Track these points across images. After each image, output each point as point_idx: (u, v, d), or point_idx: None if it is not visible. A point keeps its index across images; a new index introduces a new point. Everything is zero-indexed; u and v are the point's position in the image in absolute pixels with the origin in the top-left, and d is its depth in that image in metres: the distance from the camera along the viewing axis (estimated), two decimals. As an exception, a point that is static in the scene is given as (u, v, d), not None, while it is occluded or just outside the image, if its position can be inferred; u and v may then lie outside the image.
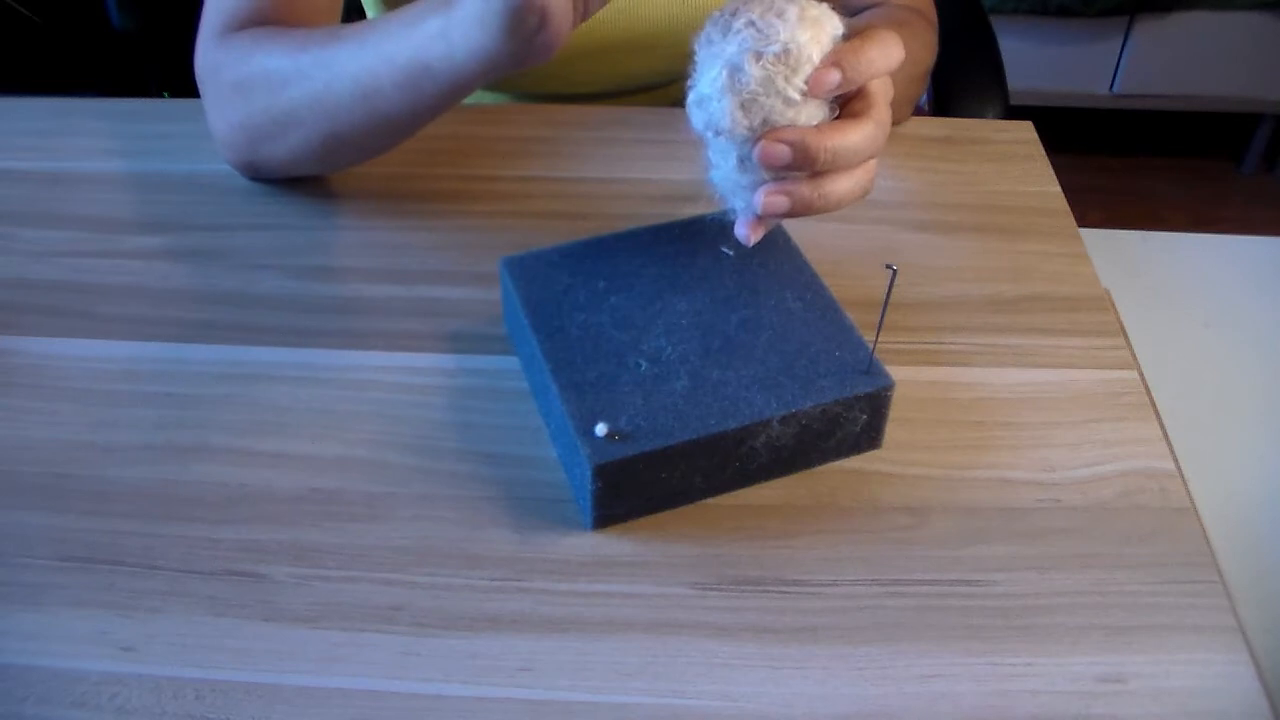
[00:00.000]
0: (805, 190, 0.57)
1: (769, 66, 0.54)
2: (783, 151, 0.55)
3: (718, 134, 0.56)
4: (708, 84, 0.55)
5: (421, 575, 0.56)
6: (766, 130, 0.55)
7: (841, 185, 0.57)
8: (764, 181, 0.57)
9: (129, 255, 0.74)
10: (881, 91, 0.58)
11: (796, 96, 0.54)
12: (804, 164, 0.55)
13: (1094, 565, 0.57)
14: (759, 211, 0.57)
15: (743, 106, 0.54)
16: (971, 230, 0.77)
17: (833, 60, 0.54)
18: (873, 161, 0.59)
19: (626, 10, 0.87)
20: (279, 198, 0.79)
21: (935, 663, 0.52)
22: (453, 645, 0.53)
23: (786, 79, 0.54)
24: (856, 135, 0.56)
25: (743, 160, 0.57)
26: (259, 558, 0.56)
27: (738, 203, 0.59)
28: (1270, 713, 0.51)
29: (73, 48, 1.49)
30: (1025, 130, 0.86)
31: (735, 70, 0.54)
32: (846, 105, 0.58)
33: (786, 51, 0.53)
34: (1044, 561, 0.57)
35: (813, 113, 0.56)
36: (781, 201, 0.57)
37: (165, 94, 1.29)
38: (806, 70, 0.54)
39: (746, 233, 0.60)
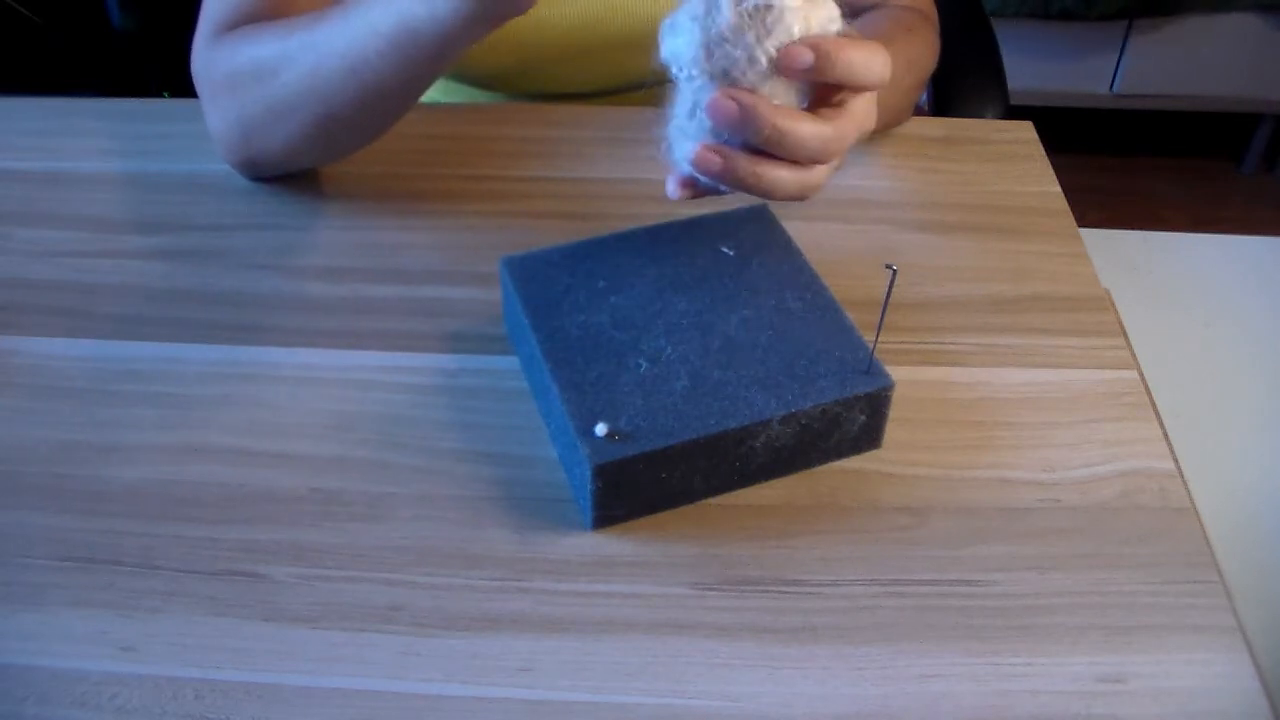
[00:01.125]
0: (741, 162, 0.56)
1: (745, 16, 0.53)
2: (730, 108, 0.54)
3: (679, 69, 0.55)
4: (684, 13, 0.55)
5: (421, 575, 0.56)
6: (725, 84, 0.55)
7: (780, 174, 0.56)
8: (707, 139, 0.56)
9: (129, 255, 0.74)
10: (858, 113, 0.57)
11: (763, 61, 0.54)
12: (747, 132, 0.54)
13: (1094, 565, 0.57)
14: (689, 162, 0.57)
15: (707, 46, 0.54)
16: (971, 230, 0.77)
17: (811, 43, 0.53)
18: (822, 168, 0.58)
19: (625, 10, 0.87)
20: (279, 198, 0.79)
21: (935, 663, 0.52)
22: (453, 645, 0.53)
23: (758, 37, 0.53)
24: (808, 129, 0.55)
25: (694, 108, 0.56)
26: (259, 558, 0.56)
27: (677, 153, 0.59)
28: (1270, 713, 0.51)
29: (73, 48, 1.49)
30: (1025, 130, 0.86)
31: (713, 7, 0.53)
32: (818, 109, 0.57)
33: (768, 8, 0.53)
34: (1044, 561, 0.57)
35: (777, 91, 0.55)
36: (714, 160, 0.56)
37: (165, 94, 1.29)
38: (781, 38, 0.53)
39: (674, 187, 0.59)
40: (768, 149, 0.55)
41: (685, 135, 0.58)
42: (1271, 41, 2.08)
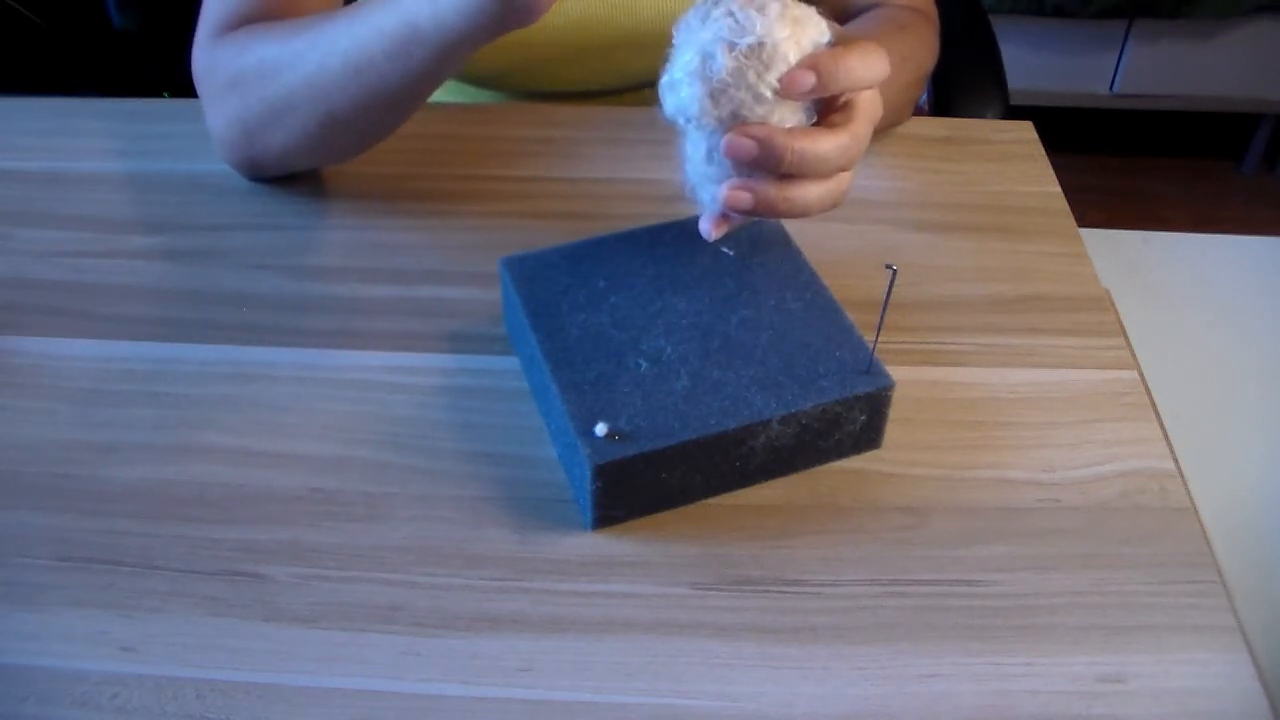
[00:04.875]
0: (770, 191, 0.56)
1: (741, 58, 0.53)
2: (748, 146, 0.55)
3: (686, 120, 0.56)
4: (680, 68, 0.55)
5: (421, 575, 0.56)
6: (736, 124, 0.55)
7: (809, 192, 0.57)
8: (731, 177, 0.57)
9: (129, 255, 0.74)
10: (866, 109, 0.58)
11: (768, 94, 0.54)
12: (770, 163, 0.55)
13: (1094, 565, 0.57)
14: (721, 205, 0.57)
15: (712, 95, 0.54)
16: (971, 230, 0.77)
17: (809, 63, 0.54)
18: (846, 174, 0.58)
19: (626, 9, 0.87)
20: (278, 198, 0.79)
21: (935, 663, 0.52)
22: (453, 645, 0.53)
23: (758, 74, 0.54)
24: (828, 144, 0.56)
25: (711, 152, 0.57)
26: (259, 558, 0.56)
27: (704, 196, 0.59)
28: (1270, 713, 0.51)
29: (73, 48, 1.49)
30: (1025, 130, 0.86)
31: (707, 57, 0.54)
32: (828, 116, 0.57)
33: (761, 45, 0.53)
34: (1044, 561, 0.57)
35: (786, 115, 0.55)
36: (744, 198, 0.56)
37: (165, 94, 1.29)
38: (780, 68, 0.54)
39: (709, 228, 0.60)
40: (792, 173, 0.56)
41: (708, 179, 0.58)
42: (1271, 42, 2.08)
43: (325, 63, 0.67)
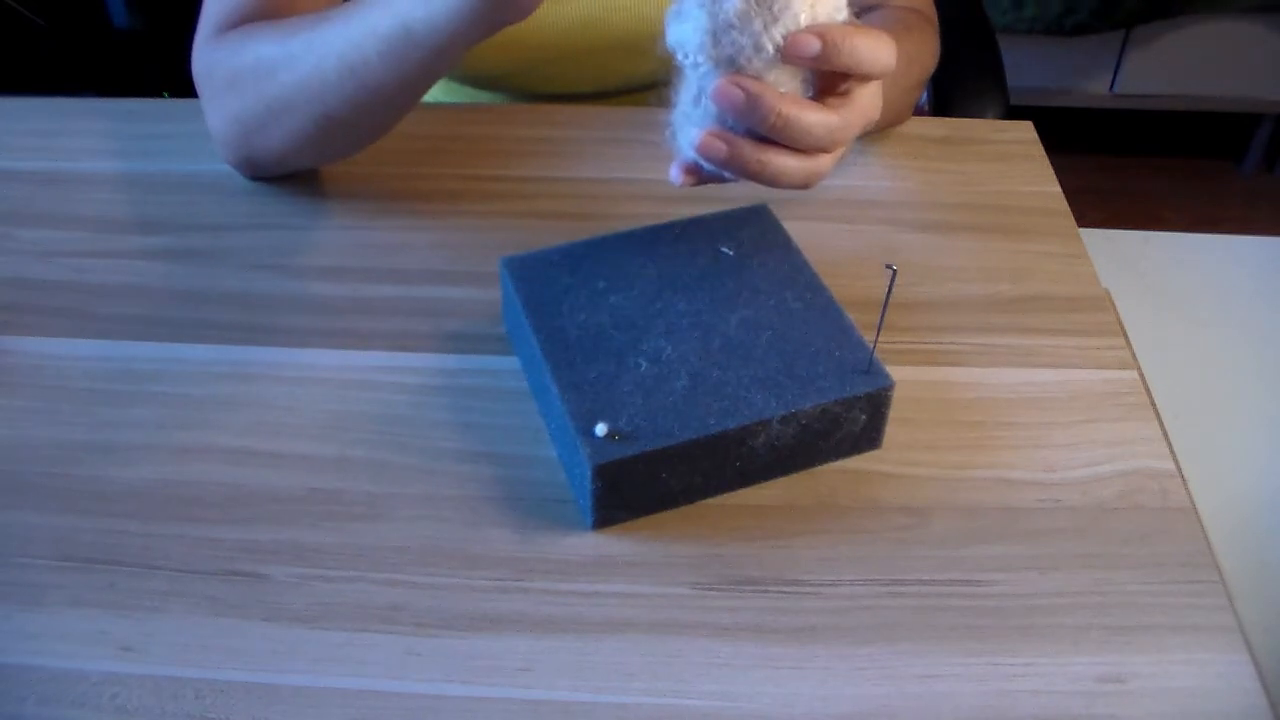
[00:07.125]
0: (746, 149, 0.56)
1: (753, 3, 0.53)
2: (737, 94, 0.54)
3: (684, 55, 0.56)
4: (690, 0, 0.55)
5: (421, 575, 0.56)
6: (731, 72, 0.55)
7: (785, 162, 0.56)
8: (713, 126, 0.57)
9: (129, 255, 0.74)
10: (863, 103, 0.57)
11: (770, 48, 0.54)
12: (753, 119, 0.55)
13: (1094, 565, 0.57)
14: (694, 148, 0.57)
15: (714, 33, 0.54)
16: (971, 230, 0.77)
17: (818, 31, 0.54)
18: (827, 158, 0.58)
19: (627, 10, 0.87)
20: (279, 198, 0.79)
21: (935, 663, 0.52)
22: (453, 645, 0.53)
23: (765, 25, 0.53)
24: (815, 117, 0.55)
25: (700, 95, 0.56)
26: (259, 558, 0.56)
27: (682, 140, 0.59)
28: (1270, 713, 0.51)
29: (73, 48, 1.49)
30: (1025, 130, 0.86)
31: None
32: (824, 99, 0.57)
33: None
34: (1044, 561, 0.57)
35: (783, 79, 0.55)
36: (719, 147, 0.56)
37: (165, 94, 1.29)
38: (789, 25, 0.54)
39: (677, 173, 0.59)
40: (773, 136, 0.56)
41: (690, 121, 0.58)
42: (1271, 42, 2.08)
43: (320, 64, 0.67)
